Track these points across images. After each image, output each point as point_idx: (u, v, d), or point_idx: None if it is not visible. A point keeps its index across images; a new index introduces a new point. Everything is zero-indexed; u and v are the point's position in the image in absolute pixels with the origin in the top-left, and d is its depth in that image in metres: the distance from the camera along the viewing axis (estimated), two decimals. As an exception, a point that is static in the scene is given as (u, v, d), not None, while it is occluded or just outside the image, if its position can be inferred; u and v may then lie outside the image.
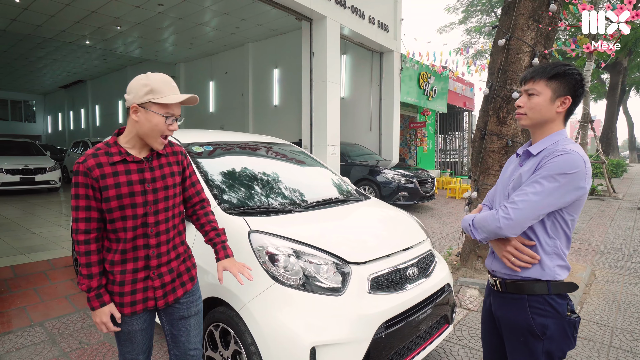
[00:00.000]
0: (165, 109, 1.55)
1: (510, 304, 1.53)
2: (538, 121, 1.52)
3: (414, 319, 2.25)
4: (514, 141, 4.04)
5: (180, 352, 1.79)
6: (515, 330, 1.51)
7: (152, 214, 1.61)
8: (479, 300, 3.77)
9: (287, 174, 3.20)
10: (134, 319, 1.65)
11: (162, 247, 1.64)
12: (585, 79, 11.33)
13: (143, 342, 1.71)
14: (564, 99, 1.47)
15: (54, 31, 13.39)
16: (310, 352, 1.88)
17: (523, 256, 1.47)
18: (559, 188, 1.38)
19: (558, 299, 1.45)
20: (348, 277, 2.13)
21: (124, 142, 1.61)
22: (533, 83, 1.51)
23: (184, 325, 1.76)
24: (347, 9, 9.47)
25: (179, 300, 1.74)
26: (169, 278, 1.67)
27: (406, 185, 8.52)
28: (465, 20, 23.72)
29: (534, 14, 3.93)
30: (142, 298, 1.63)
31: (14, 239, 5.85)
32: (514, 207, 1.42)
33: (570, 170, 1.37)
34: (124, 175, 1.55)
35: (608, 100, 18.67)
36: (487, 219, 1.49)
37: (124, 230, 1.57)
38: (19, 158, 11.08)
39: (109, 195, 1.53)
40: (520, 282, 1.50)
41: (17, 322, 3.32)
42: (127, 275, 1.60)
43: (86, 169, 1.51)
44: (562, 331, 1.45)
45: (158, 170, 1.64)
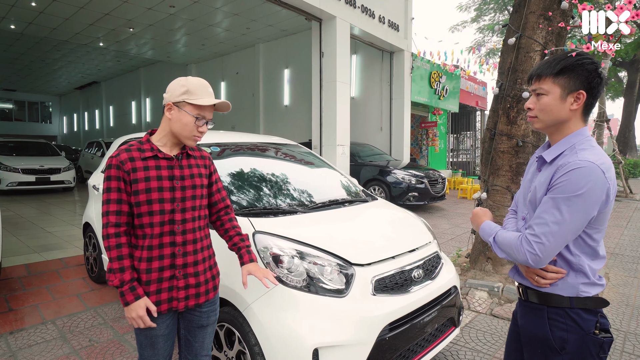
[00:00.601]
0: (198, 110, 1.60)
1: (531, 313, 1.44)
2: (551, 123, 1.37)
3: (419, 322, 2.23)
4: (524, 141, 3.99)
5: (192, 356, 1.80)
6: (533, 342, 1.42)
7: (180, 211, 1.63)
8: (488, 302, 3.73)
9: (293, 174, 3.20)
10: (158, 323, 1.62)
11: (188, 246, 1.65)
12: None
13: (164, 348, 1.69)
14: (578, 94, 1.31)
15: (68, 33, 13.63)
16: (313, 354, 1.88)
17: (548, 274, 1.36)
18: (579, 211, 1.25)
19: (583, 314, 1.33)
20: (352, 278, 2.12)
21: (157, 140, 1.66)
22: (539, 81, 1.37)
23: (200, 333, 1.77)
24: (357, 8, 9.44)
25: (201, 309, 1.74)
26: (193, 281, 1.66)
27: (416, 186, 8.46)
28: (478, 19, 23.46)
29: (545, 12, 3.87)
30: (167, 298, 1.62)
31: (29, 238, 5.98)
32: (538, 241, 1.30)
33: (585, 186, 1.23)
34: (154, 170, 1.60)
35: (625, 99, 18.29)
36: (512, 246, 1.37)
37: (150, 225, 1.59)
38: (35, 158, 11.32)
39: (138, 188, 1.56)
40: (541, 292, 1.40)
41: (30, 320, 3.39)
42: (152, 273, 1.59)
43: (119, 162, 1.56)
44: (585, 350, 1.32)
45: (187, 169, 1.68)
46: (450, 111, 15.45)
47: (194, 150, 1.76)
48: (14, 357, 2.82)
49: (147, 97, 21.35)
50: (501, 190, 4.10)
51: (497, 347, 2.98)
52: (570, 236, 1.29)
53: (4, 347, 2.94)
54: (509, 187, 4.06)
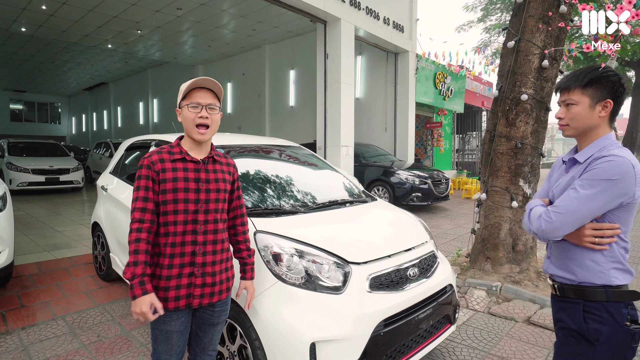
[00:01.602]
0: (189, 100, 1.72)
1: (566, 308, 1.53)
2: (582, 130, 1.51)
3: (414, 318, 2.31)
4: (523, 143, 4.05)
5: (200, 350, 1.90)
6: (566, 332, 1.51)
7: (203, 212, 1.73)
8: (486, 301, 3.79)
9: (294, 176, 3.29)
10: (173, 319, 1.71)
11: (208, 246, 1.74)
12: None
13: (178, 345, 1.77)
14: (605, 103, 1.46)
15: (78, 36, 13.85)
16: (310, 348, 1.97)
17: (605, 232, 1.43)
18: (600, 194, 1.37)
19: (618, 307, 1.43)
20: (348, 276, 2.21)
21: (184, 144, 1.79)
22: (568, 93, 1.51)
23: (210, 330, 1.87)
24: (362, 10, 9.51)
25: (213, 308, 1.82)
26: (210, 280, 1.74)
27: (420, 186, 8.52)
28: (485, 19, 23.36)
29: (544, 16, 3.92)
30: (185, 294, 1.70)
31: (39, 237, 6.13)
32: (556, 210, 1.45)
33: (614, 176, 1.36)
34: (182, 171, 1.71)
35: (633, 99, 18.15)
36: (535, 216, 1.53)
37: (174, 224, 1.69)
38: (44, 159, 11.53)
39: (166, 187, 1.68)
40: (579, 287, 1.49)
41: (41, 316, 3.51)
42: (173, 269, 1.68)
43: (150, 162, 1.69)
44: (619, 341, 1.42)
45: (212, 173, 1.78)
46: (456, 112, 15.46)
47: (220, 156, 1.86)
48: (26, 351, 2.94)
49: (155, 98, 21.58)
50: (500, 191, 4.16)
51: (493, 344, 3.05)
52: (587, 215, 1.41)
53: (16, 342, 3.06)
54: (508, 188, 4.12)
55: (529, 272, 4.10)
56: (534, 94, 4.00)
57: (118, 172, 4.29)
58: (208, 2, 10.72)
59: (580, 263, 1.49)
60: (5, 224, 3.64)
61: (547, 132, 4.31)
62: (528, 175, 4.13)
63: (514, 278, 4.03)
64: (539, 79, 4.00)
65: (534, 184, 4.19)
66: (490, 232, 4.24)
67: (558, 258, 1.57)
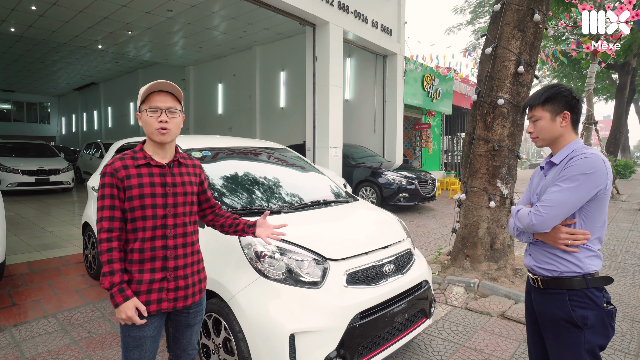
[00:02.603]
0: (148, 104, 1.70)
1: (551, 299, 1.69)
2: (550, 139, 1.74)
3: (389, 312, 2.45)
4: (500, 145, 4.22)
5: (180, 350, 1.92)
6: (556, 323, 1.66)
7: (172, 216, 1.72)
8: (464, 297, 3.96)
9: (279, 177, 3.42)
10: (147, 324, 1.70)
11: (179, 250, 1.74)
12: (589, 80, 11.42)
13: (150, 350, 1.76)
14: (563, 115, 1.69)
15: (68, 36, 13.84)
16: (290, 338, 2.11)
17: (577, 236, 1.62)
18: (580, 186, 1.57)
19: (596, 292, 1.61)
20: (327, 272, 2.35)
21: (147, 149, 1.77)
22: (532, 110, 1.75)
23: (188, 332, 1.89)
24: (350, 14, 9.67)
25: (188, 310, 1.83)
26: (182, 283, 1.75)
27: (407, 187, 8.69)
28: (473, 21, 23.69)
29: (519, 24, 4.10)
30: (156, 299, 1.69)
31: (30, 237, 6.19)
32: (544, 204, 1.63)
33: (590, 170, 1.57)
34: (147, 177, 1.70)
35: (616, 101, 18.56)
36: (524, 214, 1.72)
37: (143, 229, 1.68)
38: (34, 159, 11.52)
39: (132, 194, 1.66)
40: (560, 279, 1.66)
41: (33, 313, 3.61)
42: (144, 274, 1.68)
43: (113, 169, 1.67)
44: (601, 321, 1.60)
45: (179, 177, 1.78)
46: (444, 113, 15.69)
47: (185, 159, 1.87)
48: (18, 347, 3.04)
49: (145, 99, 21.52)
50: (478, 191, 4.33)
51: (467, 337, 3.22)
52: (571, 206, 1.60)
53: (9, 338, 3.16)
54: (486, 189, 4.29)
55: (506, 270, 4.28)
56: (510, 98, 4.18)
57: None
58: (198, 4, 10.81)
59: (560, 256, 1.67)
60: (-3, 224, 3.72)
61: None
62: (505, 177, 4.30)
63: (492, 275, 4.21)
64: (515, 84, 4.18)
65: (510, 185, 4.37)
66: (470, 231, 4.41)
67: (539, 254, 1.75)
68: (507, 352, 2.99)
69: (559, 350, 1.67)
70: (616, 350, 3.02)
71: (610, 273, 4.80)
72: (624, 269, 4.95)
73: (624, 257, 5.47)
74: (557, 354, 1.68)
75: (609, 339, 1.62)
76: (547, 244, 1.71)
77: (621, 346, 3.08)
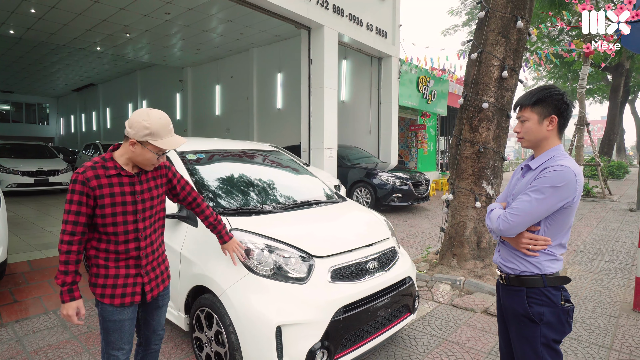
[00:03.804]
0: (159, 149, 1.84)
1: (512, 295, 1.80)
2: (534, 141, 1.78)
3: (372, 306, 2.59)
4: (486, 148, 4.37)
5: (150, 332, 2.13)
6: (516, 318, 1.78)
7: (141, 220, 1.90)
8: (450, 294, 4.11)
9: (270, 178, 3.57)
10: (125, 310, 1.90)
11: (148, 249, 1.95)
12: (581, 81, 11.58)
13: (129, 332, 1.95)
14: (551, 119, 1.72)
15: (66, 38, 13.96)
16: (277, 330, 2.25)
17: (538, 242, 1.72)
18: (547, 199, 1.64)
19: (553, 290, 1.71)
20: (312, 268, 2.49)
21: (119, 158, 1.86)
22: (521, 111, 1.79)
23: (157, 313, 2.11)
24: (345, 17, 9.82)
25: (159, 294, 2.07)
26: (153, 275, 1.99)
27: (400, 187, 8.84)
28: (469, 23, 23.87)
29: (503, 30, 4.26)
30: (131, 292, 1.90)
31: (30, 237, 6.32)
32: (512, 212, 1.72)
33: (559, 183, 1.63)
34: (118, 186, 1.83)
35: (610, 102, 18.74)
36: (494, 217, 1.82)
37: (115, 234, 1.84)
38: (33, 160, 11.64)
39: (105, 203, 1.79)
40: (520, 277, 1.77)
41: (34, 310, 3.75)
42: (120, 270, 1.88)
43: (85, 178, 1.76)
44: (557, 318, 1.70)
45: (145, 183, 1.93)
46: (439, 114, 15.85)
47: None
48: (20, 341, 3.18)
49: (144, 100, 21.69)
50: (465, 192, 4.48)
51: (451, 332, 3.36)
52: (537, 215, 1.68)
53: (10, 334, 3.30)
54: (472, 189, 4.44)
55: (492, 268, 4.43)
56: (495, 102, 4.33)
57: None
58: (196, 7, 10.95)
59: (522, 257, 1.79)
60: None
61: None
62: (491, 178, 4.45)
63: (478, 273, 4.36)
64: (499, 88, 4.33)
65: (496, 186, 4.52)
66: (457, 231, 4.56)
67: (505, 252, 1.88)
68: (487, 345, 3.14)
69: (519, 343, 1.81)
70: (591, 344, 3.17)
71: (594, 271, 4.96)
72: (608, 267, 5.11)
73: (609, 256, 5.63)
74: (518, 346, 1.82)
75: (565, 334, 1.74)
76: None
77: (596, 340, 3.23)
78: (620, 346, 3.13)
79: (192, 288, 2.75)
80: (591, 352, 3.03)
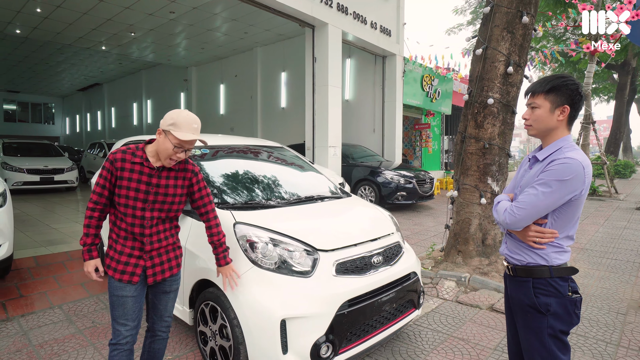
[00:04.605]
0: (177, 141, 1.95)
1: (519, 285, 1.79)
2: (543, 130, 1.74)
3: (376, 301, 2.58)
4: (491, 144, 4.35)
5: (157, 317, 2.22)
6: (523, 308, 1.76)
7: (149, 210, 2.03)
8: (455, 291, 4.08)
9: (275, 174, 3.56)
10: (127, 287, 2.03)
11: (154, 237, 2.06)
12: (587, 80, 11.50)
13: (133, 310, 2.06)
14: (563, 108, 1.68)
15: (72, 38, 14.04)
16: (281, 324, 2.24)
17: (545, 235, 1.71)
18: (554, 192, 1.61)
19: (560, 281, 1.69)
20: (317, 262, 2.49)
21: (149, 150, 2.05)
22: (533, 97, 1.74)
23: (164, 298, 2.21)
24: (349, 15, 9.80)
25: (165, 280, 2.17)
26: (158, 261, 2.10)
27: (405, 186, 8.82)
28: (474, 22, 23.79)
29: (508, 26, 4.23)
30: (131, 271, 2.04)
31: (36, 234, 6.36)
32: (518, 206, 1.70)
33: (567, 176, 1.60)
34: (137, 174, 2.00)
35: (616, 101, 18.61)
36: (501, 210, 1.79)
37: (124, 215, 2.02)
38: (39, 159, 11.72)
39: (122, 184, 1.98)
40: (527, 267, 1.76)
41: (39, 305, 3.76)
42: (125, 249, 2.04)
43: (114, 158, 1.99)
44: (564, 308, 1.68)
45: (165, 179, 2.06)
46: (444, 113, 15.80)
47: (178, 163, 2.12)
48: (26, 335, 3.19)
49: (149, 99, 21.77)
50: (470, 188, 4.46)
51: (456, 328, 3.34)
52: (544, 209, 1.66)
53: (16, 328, 3.31)
54: (477, 186, 4.42)
55: (497, 264, 4.40)
56: (500, 98, 4.30)
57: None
58: (201, 6, 10.98)
59: (527, 248, 1.78)
60: (6, 219, 3.88)
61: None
62: (496, 174, 4.43)
63: (483, 270, 4.33)
64: (504, 84, 4.31)
65: (501, 182, 4.49)
66: (462, 227, 4.53)
67: (512, 244, 1.87)
68: (493, 341, 3.12)
69: (526, 334, 1.79)
70: (599, 340, 3.14)
71: (601, 269, 4.92)
72: (615, 265, 5.06)
73: (616, 254, 5.58)
74: (525, 337, 1.80)
75: (573, 326, 1.71)
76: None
77: (604, 336, 3.20)
78: (629, 343, 3.10)
79: (196, 282, 2.75)
80: (599, 349, 3.00)
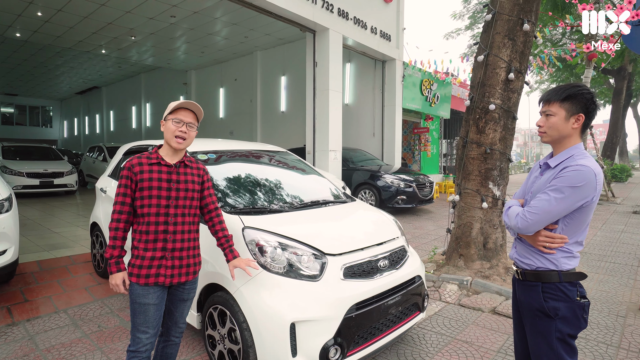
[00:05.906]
0: (173, 115, 2.11)
1: (528, 290, 1.82)
2: (556, 137, 1.77)
3: (383, 304, 2.62)
4: (492, 149, 4.40)
5: (172, 323, 2.27)
6: (532, 312, 1.79)
7: (173, 207, 2.11)
8: (457, 294, 4.12)
9: (280, 178, 3.60)
10: (150, 293, 2.06)
11: (177, 235, 2.12)
12: (584, 84, 11.59)
13: (154, 318, 2.08)
14: (578, 117, 1.72)
15: (72, 41, 14.05)
16: (290, 327, 2.28)
17: (555, 240, 1.74)
18: (566, 198, 1.65)
19: (569, 286, 1.72)
20: (325, 266, 2.52)
21: (162, 151, 2.17)
22: (549, 105, 1.77)
23: (181, 305, 2.25)
24: (350, 20, 9.87)
25: (184, 286, 2.21)
26: (178, 262, 2.13)
27: (405, 190, 8.87)
28: (472, 26, 23.96)
29: (509, 33, 4.30)
30: (155, 273, 2.07)
31: (38, 238, 6.37)
32: (530, 211, 1.73)
33: (579, 183, 1.63)
34: (157, 173, 2.09)
35: (613, 105, 18.77)
36: (512, 214, 1.83)
37: (148, 215, 2.07)
38: (38, 163, 11.71)
39: (143, 186, 2.05)
40: (537, 272, 1.79)
41: (44, 309, 3.78)
42: (148, 252, 2.07)
43: (130, 165, 2.07)
44: (573, 313, 1.71)
45: (183, 175, 2.16)
46: (443, 117, 15.88)
47: (191, 162, 2.24)
48: (32, 340, 3.20)
49: (148, 103, 21.78)
50: (471, 193, 4.51)
51: (459, 331, 3.38)
52: (556, 215, 1.70)
53: (22, 332, 3.33)
54: (479, 190, 4.47)
55: (498, 268, 4.45)
56: (502, 103, 4.36)
57: (116, 175, 4.57)
58: (201, 10, 11.03)
59: (538, 254, 1.81)
60: (12, 223, 3.90)
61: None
62: (497, 179, 4.48)
63: (484, 273, 4.38)
64: (505, 90, 4.37)
65: (502, 187, 4.54)
66: (463, 231, 4.58)
67: (522, 248, 1.90)
68: (496, 344, 3.16)
69: (534, 338, 1.83)
70: (600, 342, 3.18)
71: (600, 272, 4.97)
72: (613, 268, 5.12)
73: (614, 257, 5.64)
74: (533, 341, 1.84)
75: (580, 330, 1.75)
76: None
77: (604, 339, 3.25)
78: (629, 345, 3.14)
79: (205, 286, 2.78)
80: (600, 351, 3.05)
